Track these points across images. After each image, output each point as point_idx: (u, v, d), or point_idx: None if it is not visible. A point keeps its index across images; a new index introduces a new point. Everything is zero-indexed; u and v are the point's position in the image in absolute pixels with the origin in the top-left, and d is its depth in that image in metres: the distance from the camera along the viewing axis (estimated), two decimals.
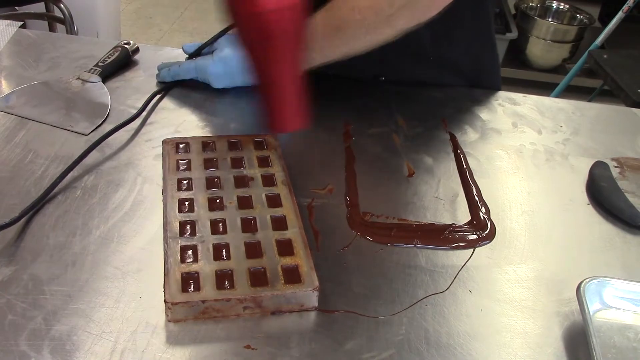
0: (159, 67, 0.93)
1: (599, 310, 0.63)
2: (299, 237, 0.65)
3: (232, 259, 0.62)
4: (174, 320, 0.58)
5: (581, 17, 2.94)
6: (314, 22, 0.81)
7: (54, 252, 0.64)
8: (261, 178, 0.73)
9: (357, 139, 0.86)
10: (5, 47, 0.98)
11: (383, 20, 0.77)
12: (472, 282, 0.66)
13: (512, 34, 2.78)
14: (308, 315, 0.61)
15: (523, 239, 0.73)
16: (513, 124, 0.93)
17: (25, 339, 0.55)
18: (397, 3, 0.75)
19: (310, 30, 0.82)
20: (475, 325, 0.62)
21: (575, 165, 0.86)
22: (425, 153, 0.85)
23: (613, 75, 1.95)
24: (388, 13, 0.76)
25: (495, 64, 1.06)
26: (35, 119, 0.83)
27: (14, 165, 0.74)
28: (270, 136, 0.80)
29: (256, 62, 0.72)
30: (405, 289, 0.65)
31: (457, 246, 0.71)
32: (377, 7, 0.77)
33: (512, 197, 0.79)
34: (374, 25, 0.78)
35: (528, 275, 0.68)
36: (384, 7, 0.76)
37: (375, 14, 0.77)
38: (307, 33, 0.73)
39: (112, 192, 0.72)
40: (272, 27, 0.67)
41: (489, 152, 0.87)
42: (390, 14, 0.76)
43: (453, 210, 0.76)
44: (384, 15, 0.76)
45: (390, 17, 0.76)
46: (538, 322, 0.63)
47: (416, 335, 0.60)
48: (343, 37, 0.80)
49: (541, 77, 2.95)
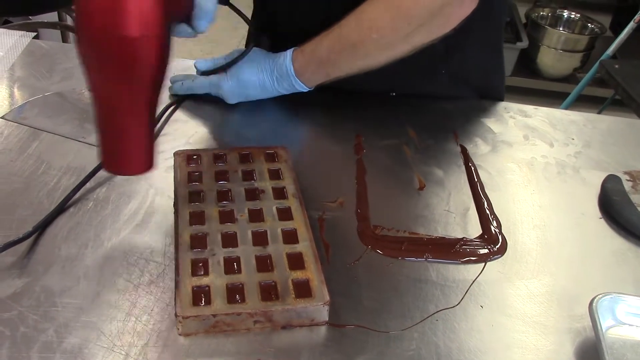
0: (172, 80, 0.94)
1: (612, 326, 0.63)
2: (309, 250, 0.65)
3: (243, 273, 0.62)
4: (184, 334, 0.58)
5: (592, 26, 2.93)
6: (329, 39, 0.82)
7: (65, 264, 0.64)
8: (272, 191, 0.73)
9: (368, 151, 0.86)
10: (19, 58, 0.99)
11: (400, 38, 0.77)
12: (484, 297, 0.66)
13: (523, 43, 2.78)
14: (318, 329, 0.61)
15: (535, 253, 0.72)
16: (524, 136, 0.93)
17: (36, 352, 0.55)
18: (415, 22, 0.75)
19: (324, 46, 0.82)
20: (486, 340, 0.61)
21: (587, 179, 0.85)
22: (436, 166, 0.85)
23: (624, 85, 1.94)
24: (406, 32, 0.76)
25: (502, 73, 1.05)
26: (48, 130, 0.83)
27: (27, 176, 0.75)
28: (281, 148, 0.80)
29: (103, 92, 0.58)
30: (416, 303, 0.64)
31: (468, 260, 0.70)
32: (396, 26, 0.77)
33: (523, 211, 0.78)
34: (391, 43, 0.78)
35: (540, 291, 0.67)
36: (403, 26, 0.76)
37: (393, 33, 0.77)
38: (166, 69, 0.61)
39: (124, 204, 0.72)
40: (137, 55, 0.55)
41: (500, 165, 0.86)
42: (408, 33, 0.76)
43: (464, 224, 0.75)
44: (401, 34, 0.77)
45: (407, 35, 0.77)
46: (550, 338, 0.62)
47: (427, 351, 0.59)
48: (359, 54, 0.80)
49: (552, 86, 2.94)
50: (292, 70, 0.85)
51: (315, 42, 0.84)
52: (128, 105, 0.58)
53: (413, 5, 0.75)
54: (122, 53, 0.55)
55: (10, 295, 0.60)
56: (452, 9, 0.75)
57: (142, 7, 0.54)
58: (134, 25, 0.54)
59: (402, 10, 0.77)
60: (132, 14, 0.54)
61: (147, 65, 0.57)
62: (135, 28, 0.54)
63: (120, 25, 0.54)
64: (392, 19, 0.77)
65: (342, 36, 0.81)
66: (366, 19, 0.79)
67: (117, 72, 0.56)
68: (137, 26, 0.54)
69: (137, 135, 0.60)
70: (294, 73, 0.85)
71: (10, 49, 1.01)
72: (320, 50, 0.83)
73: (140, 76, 0.57)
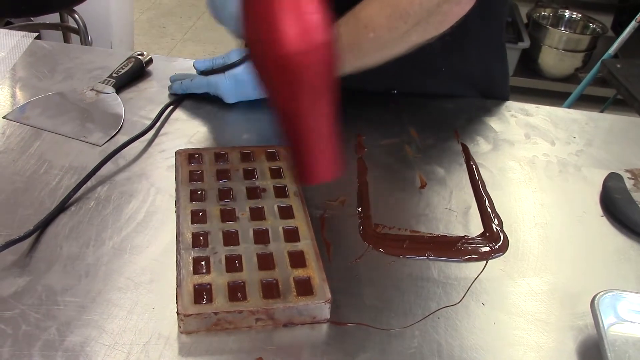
0: (172, 79, 0.94)
1: (614, 324, 0.63)
2: (311, 248, 0.65)
3: (245, 271, 0.62)
4: (186, 331, 0.58)
5: (594, 26, 2.93)
6: None
7: (67, 263, 0.64)
8: (273, 189, 0.73)
9: (370, 151, 0.86)
10: (21, 58, 0.99)
11: (397, 37, 0.77)
12: (485, 295, 0.66)
13: (525, 43, 2.78)
14: (320, 327, 0.61)
15: (536, 251, 0.72)
16: (526, 135, 0.93)
17: (38, 350, 0.55)
18: (411, 20, 0.75)
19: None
20: (488, 338, 0.61)
21: (588, 177, 0.85)
22: (438, 164, 0.85)
23: (626, 84, 1.94)
24: (403, 30, 0.76)
25: (505, 73, 1.05)
26: (49, 130, 0.84)
27: (29, 176, 0.75)
28: (282, 147, 0.80)
29: (284, 111, 0.61)
30: (417, 301, 0.64)
31: (469, 258, 0.70)
32: (392, 25, 0.77)
33: (524, 209, 0.78)
34: (388, 42, 0.78)
35: (541, 288, 0.67)
36: (399, 25, 0.76)
37: (390, 32, 0.77)
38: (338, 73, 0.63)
39: (125, 203, 0.73)
40: (302, 72, 0.57)
41: (501, 164, 0.86)
42: (405, 31, 0.76)
43: (465, 222, 0.75)
44: (398, 33, 0.76)
45: (404, 34, 0.76)
46: (552, 335, 0.62)
47: (429, 349, 0.59)
48: (356, 54, 0.80)
49: (554, 86, 2.93)
50: None
51: None
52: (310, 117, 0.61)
53: (410, 3, 0.75)
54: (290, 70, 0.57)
55: (12, 293, 0.60)
56: (450, 7, 0.75)
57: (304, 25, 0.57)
58: (294, 43, 0.56)
59: (399, 8, 0.76)
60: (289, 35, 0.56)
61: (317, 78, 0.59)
62: (295, 46, 0.56)
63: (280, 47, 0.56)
64: (389, 18, 0.77)
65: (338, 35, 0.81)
66: (363, 17, 0.79)
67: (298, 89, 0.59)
68: (297, 44, 0.56)
69: (323, 142, 0.62)
70: None
71: (12, 50, 1.01)
72: None
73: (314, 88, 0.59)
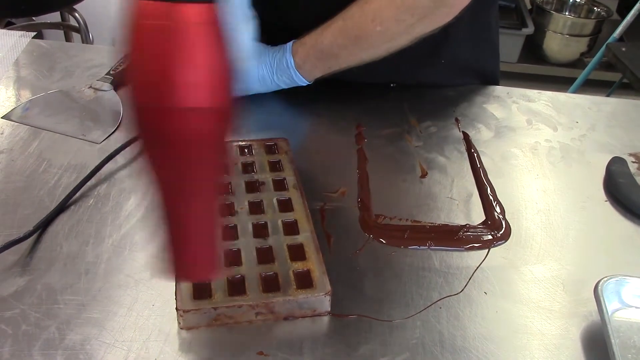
0: None
1: (618, 309, 0.62)
2: (310, 241, 0.65)
3: (244, 265, 0.62)
4: (186, 327, 0.58)
5: (599, 10, 2.90)
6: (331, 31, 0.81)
7: (67, 261, 0.64)
8: (272, 182, 0.72)
9: (370, 140, 0.85)
10: (19, 58, 0.99)
11: (403, 29, 0.77)
12: (487, 284, 0.65)
13: (529, 29, 2.75)
14: (321, 320, 0.60)
15: (539, 238, 0.71)
16: (527, 121, 0.92)
17: (39, 349, 0.55)
18: (419, 12, 0.75)
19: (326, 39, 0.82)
20: (490, 327, 0.61)
21: (591, 162, 0.84)
22: (439, 153, 0.84)
23: (632, 68, 1.92)
24: (409, 23, 0.76)
25: (496, 58, 1.04)
26: (49, 129, 0.83)
27: (28, 175, 0.75)
28: (281, 140, 0.80)
29: (161, 183, 0.47)
30: (419, 291, 0.64)
31: (471, 247, 0.70)
32: (400, 18, 0.76)
33: (527, 196, 0.78)
34: (394, 34, 0.77)
35: (544, 276, 0.67)
36: (406, 18, 0.76)
37: (397, 25, 0.77)
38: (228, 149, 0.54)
39: (124, 200, 0.72)
40: (191, 132, 0.45)
41: (503, 151, 0.86)
42: (411, 24, 0.76)
43: (467, 211, 0.75)
44: (405, 25, 0.76)
45: (410, 26, 0.76)
46: (555, 323, 0.62)
47: (431, 339, 0.59)
48: (362, 46, 0.80)
49: (559, 72, 2.91)
50: (292, 63, 0.84)
51: (316, 34, 0.83)
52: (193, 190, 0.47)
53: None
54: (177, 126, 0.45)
55: (12, 293, 0.60)
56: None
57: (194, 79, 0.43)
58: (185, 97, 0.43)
59: (407, 1, 0.76)
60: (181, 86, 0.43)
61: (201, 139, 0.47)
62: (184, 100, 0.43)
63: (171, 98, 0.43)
64: (397, 10, 0.77)
65: (345, 29, 0.80)
66: (369, 11, 0.78)
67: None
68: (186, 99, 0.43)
69: (203, 229, 0.49)
70: (294, 66, 0.84)
71: (10, 49, 1.01)
72: (322, 42, 0.82)
73: None
